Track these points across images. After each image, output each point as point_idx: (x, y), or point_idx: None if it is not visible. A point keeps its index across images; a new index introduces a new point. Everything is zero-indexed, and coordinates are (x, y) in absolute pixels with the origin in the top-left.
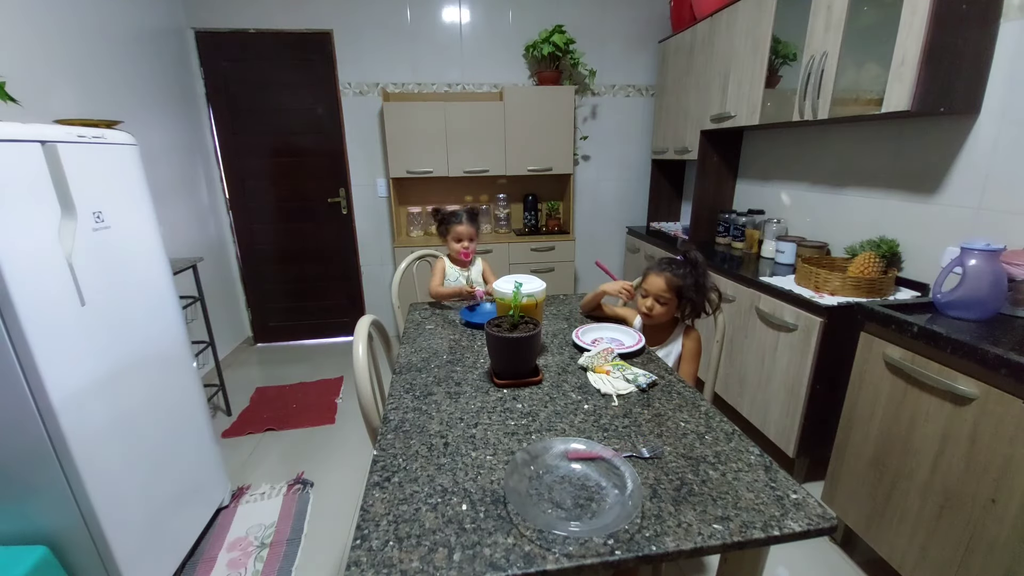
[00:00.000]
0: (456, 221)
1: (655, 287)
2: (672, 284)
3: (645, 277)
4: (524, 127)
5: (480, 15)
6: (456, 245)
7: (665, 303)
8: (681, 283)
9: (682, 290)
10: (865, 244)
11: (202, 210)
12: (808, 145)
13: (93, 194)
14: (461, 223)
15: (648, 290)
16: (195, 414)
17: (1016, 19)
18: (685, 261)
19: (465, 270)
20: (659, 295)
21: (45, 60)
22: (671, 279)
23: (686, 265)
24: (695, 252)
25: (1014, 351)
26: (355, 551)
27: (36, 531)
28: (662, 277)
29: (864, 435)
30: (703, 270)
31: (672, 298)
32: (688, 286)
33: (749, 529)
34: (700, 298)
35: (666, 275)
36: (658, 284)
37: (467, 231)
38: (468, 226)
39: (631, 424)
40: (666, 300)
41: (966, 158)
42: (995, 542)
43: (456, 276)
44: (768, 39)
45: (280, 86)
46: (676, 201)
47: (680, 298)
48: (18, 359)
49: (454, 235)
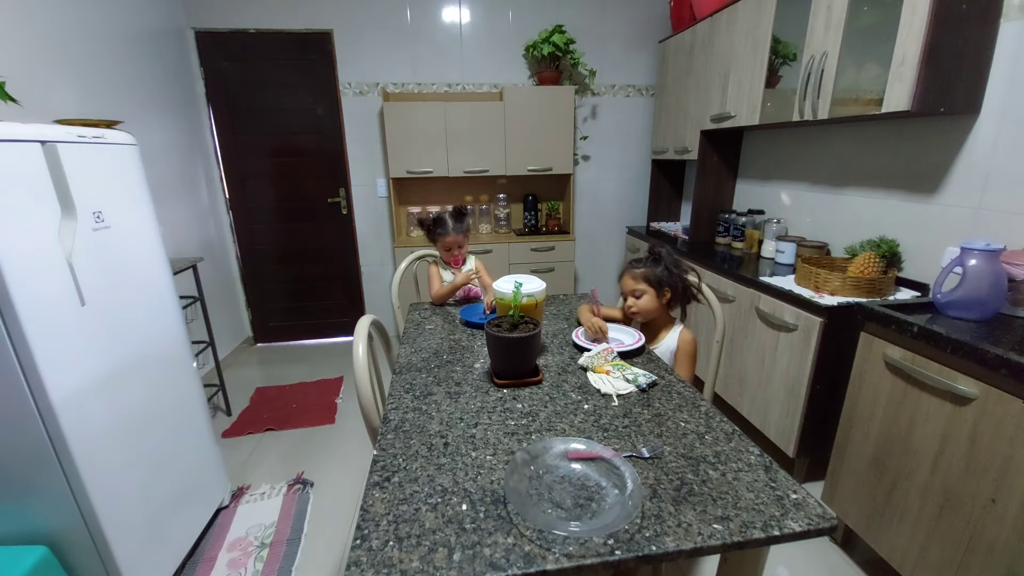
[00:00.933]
0: (443, 233)
1: (626, 286)
2: (639, 276)
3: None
4: (524, 127)
5: (480, 15)
6: (446, 253)
7: (641, 294)
8: (648, 270)
9: (650, 277)
10: (865, 244)
11: (202, 210)
12: (808, 145)
13: (93, 194)
14: (448, 234)
15: (623, 292)
16: (195, 414)
17: (1016, 19)
18: (649, 256)
19: (457, 270)
20: (633, 291)
21: (45, 60)
22: (635, 272)
23: (650, 257)
24: (660, 248)
25: (1014, 351)
26: (355, 551)
27: (36, 531)
28: (628, 275)
29: (864, 435)
30: (671, 259)
31: (646, 287)
32: (656, 271)
33: (749, 529)
34: (674, 280)
35: (629, 271)
36: (627, 282)
37: (455, 240)
38: (455, 235)
39: (631, 424)
40: (641, 292)
41: (966, 158)
42: (995, 542)
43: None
44: (768, 39)
45: (280, 86)
46: (676, 201)
47: (654, 286)
48: (18, 359)
49: (443, 245)
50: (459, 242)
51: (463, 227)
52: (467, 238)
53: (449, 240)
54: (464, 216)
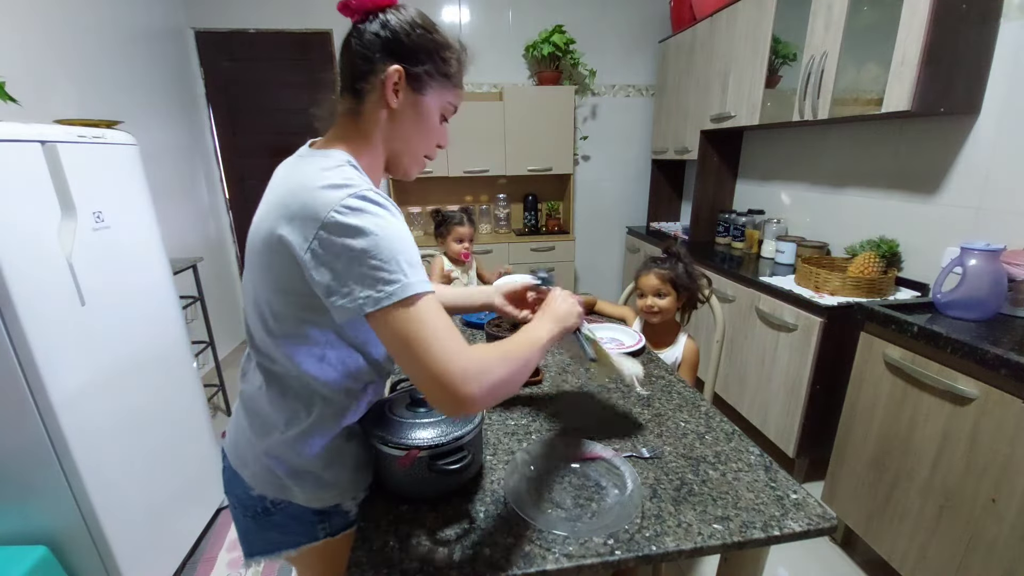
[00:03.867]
0: (457, 222)
1: (650, 285)
2: (665, 277)
3: (636, 281)
4: (524, 127)
5: (480, 15)
6: (456, 246)
7: (666, 295)
8: (673, 274)
9: (676, 280)
10: (865, 244)
11: (202, 210)
12: (808, 145)
13: (93, 194)
14: (462, 224)
15: (644, 290)
16: (195, 414)
17: (1016, 19)
18: (668, 256)
19: (463, 268)
20: (657, 290)
21: (45, 60)
22: (662, 273)
23: (671, 258)
24: (676, 246)
25: (1014, 351)
26: (355, 551)
27: (36, 531)
28: (653, 273)
29: (864, 435)
30: (688, 260)
31: (670, 290)
32: (680, 275)
33: (749, 529)
34: (693, 285)
35: (655, 271)
36: (652, 282)
37: (468, 231)
38: (468, 227)
39: (631, 424)
40: (666, 292)
41: (966, 158)
42: (995, 542)
43: (456, 275)
44: (768, 39)
45: (280, 86)
46: (676, 201)
47: (676, 289)
48: (18, 359)
49: (455, 236)
50: (470, 235)
51: (472, 224)
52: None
53: (462, 230)
54: (472, 216)
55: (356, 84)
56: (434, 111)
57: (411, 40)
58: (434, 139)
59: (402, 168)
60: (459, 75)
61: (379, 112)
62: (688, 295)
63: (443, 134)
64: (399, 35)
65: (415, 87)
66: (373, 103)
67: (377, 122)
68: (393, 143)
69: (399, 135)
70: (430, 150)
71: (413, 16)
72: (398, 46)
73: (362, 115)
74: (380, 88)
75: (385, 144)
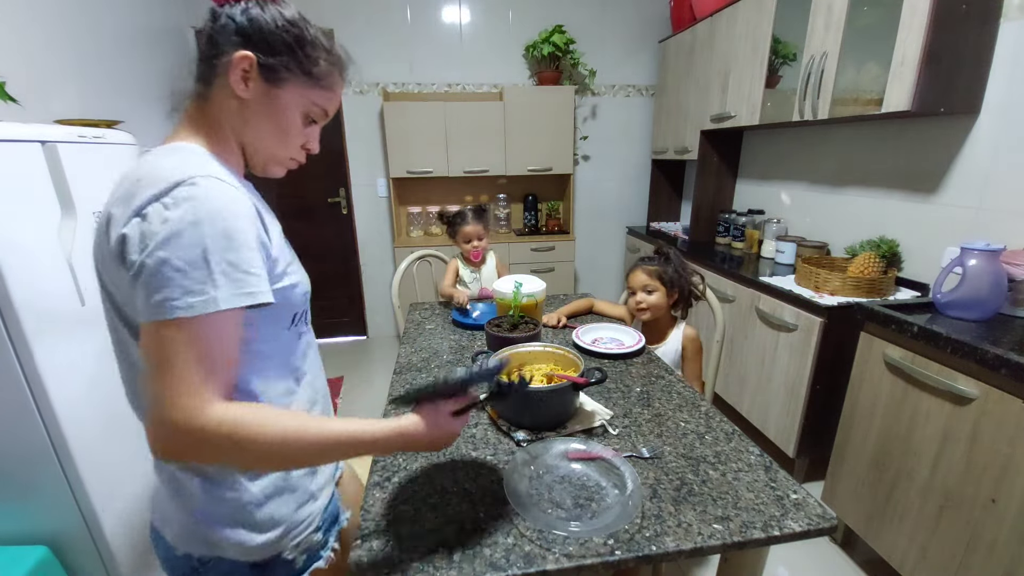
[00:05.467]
0: (462, 222)
1: (638, 282)
2: (653, 273)
3: (626, 280)
4: (524, 127)
5: (480, 15)
6: (466, 246)
7: (653, 291)
8: (661, 270)
9: (663, 276)
10: (865, 244)
11: None
12: (808, 145)
13: (93, 194)
14: (467, 223)
15: (633, 287)
16: None
17: (1016, 19)
18: (657, 255)
19: (476, 269)
20: (644, 286)
21: (45, 60)
22: (649, 269)
23: (660, 257)
24: (667, 248)
25: (1014, 351)
26: (355, 551)
27: (36, 531)
28: (640, 270)
29: (864, 435)
30: (678, 259)
31: (658, 285)
32: (668, 271)
33: (749, 529)
34: (683, 281)
35: (642, 267)
36: (639, 278)
37: (474, 230)
38: (475, 225)
39: (631, 424)
40: (653, 288)
41: (966, 158)
42: (995, 542)
43: (470, 276)
44: (768, 39)
45: None
46: (676, 201)
47: (665, 285)
48: (18, 359)
49: (462, 236)
50: (479, 233)
51: (483, 221)
52: (487, 232)
53: (468, 230)
54: (484, 213)
55: (204, 66)
56: (292, 108)
57: (269, 30)
58: (295, 139)
59: (260, 165)
60: (329, 77)
61: (228, 101)
62: (679, 291)
63: (312, 137)
64: (257, 22)
65: (269, 79)
66: (220, 88)
67: (226, 110)
68: (244, 135)
69: (251, 127)
70: (293, 150)
71: (282, 10)
72: (255, 34)
73: (210, 100)
74: (226, 74)
75: (235, 135)
